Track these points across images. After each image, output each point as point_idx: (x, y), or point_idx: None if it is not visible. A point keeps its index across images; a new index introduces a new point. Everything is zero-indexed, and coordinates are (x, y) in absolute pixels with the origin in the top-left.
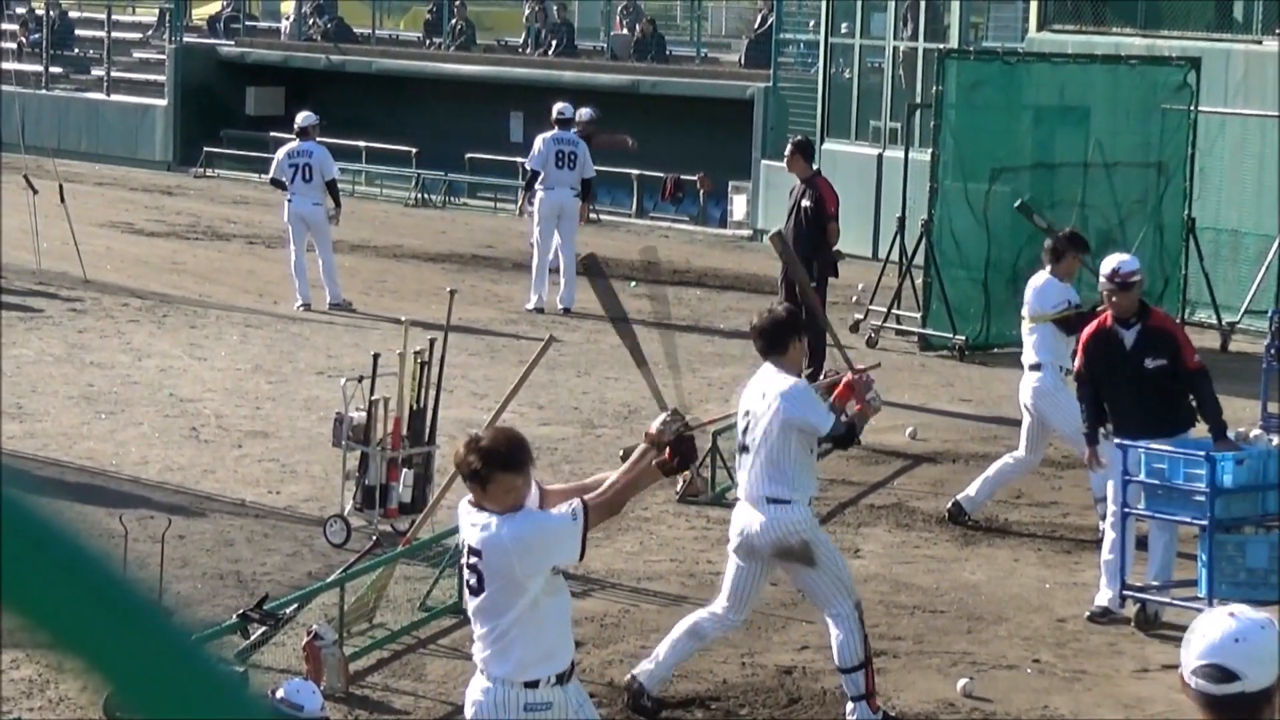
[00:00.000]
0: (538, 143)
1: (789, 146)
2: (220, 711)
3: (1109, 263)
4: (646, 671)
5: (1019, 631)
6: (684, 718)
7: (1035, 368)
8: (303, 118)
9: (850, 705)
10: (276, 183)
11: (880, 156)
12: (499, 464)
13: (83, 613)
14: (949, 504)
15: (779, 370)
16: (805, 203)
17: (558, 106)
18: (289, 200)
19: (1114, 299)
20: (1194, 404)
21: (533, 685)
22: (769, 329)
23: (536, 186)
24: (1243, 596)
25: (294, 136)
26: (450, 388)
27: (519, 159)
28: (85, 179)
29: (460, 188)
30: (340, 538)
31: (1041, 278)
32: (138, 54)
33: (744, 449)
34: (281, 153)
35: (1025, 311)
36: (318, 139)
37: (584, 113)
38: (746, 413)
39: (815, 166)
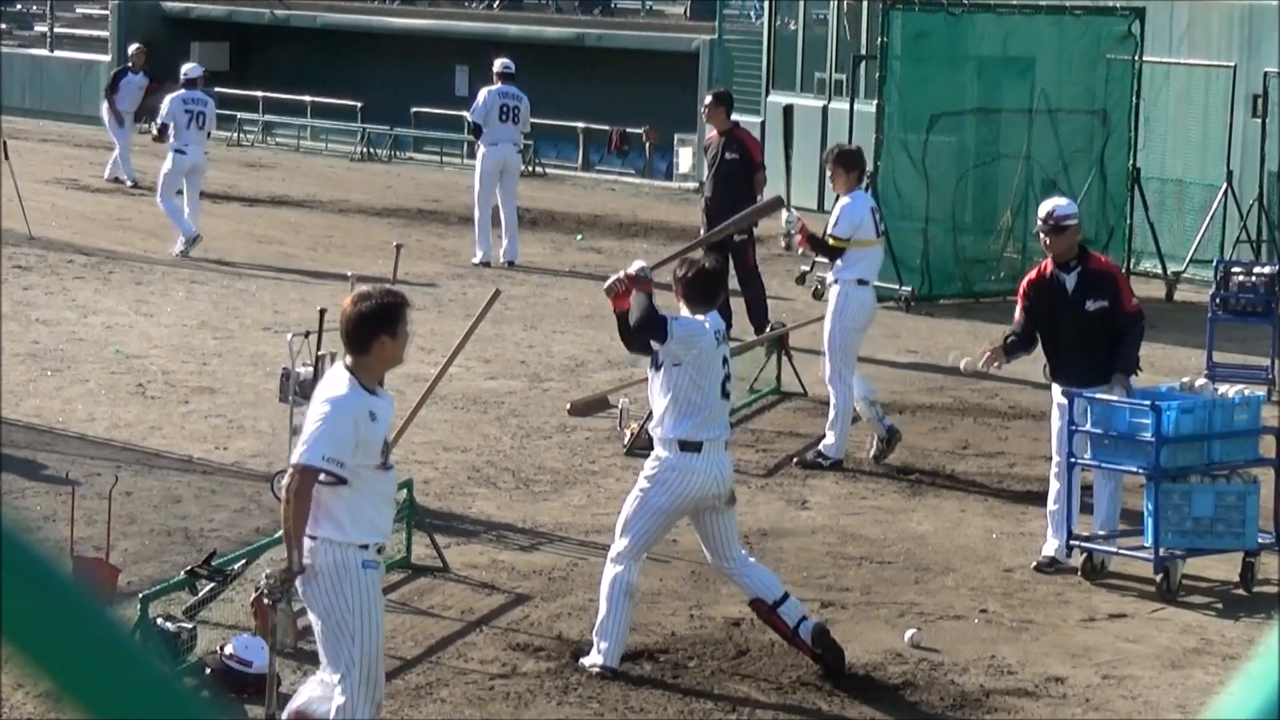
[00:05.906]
0: (481, 95)
1: (709, 98)
2: (154, 707)
3: (1044, 206)
4: (606, 653)
5: (966, 582)
6: (632, 670)
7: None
8: (191, 68)
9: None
10: (164, 129)
11: (825, 108)
12: None
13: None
14: (811, 454)
15: None
16: (729, 154)
17: (501, 61)
18: (182, 152)
19: (1049, 241)
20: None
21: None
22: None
23: (479, 142)
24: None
25: (183, 87)
26: None
27: (464, 112)
28: (29, 135)
29: (406, 142)
30: None
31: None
32: (81, 9)
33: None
34: (174, 99)
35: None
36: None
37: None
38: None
39: (734, 119)
